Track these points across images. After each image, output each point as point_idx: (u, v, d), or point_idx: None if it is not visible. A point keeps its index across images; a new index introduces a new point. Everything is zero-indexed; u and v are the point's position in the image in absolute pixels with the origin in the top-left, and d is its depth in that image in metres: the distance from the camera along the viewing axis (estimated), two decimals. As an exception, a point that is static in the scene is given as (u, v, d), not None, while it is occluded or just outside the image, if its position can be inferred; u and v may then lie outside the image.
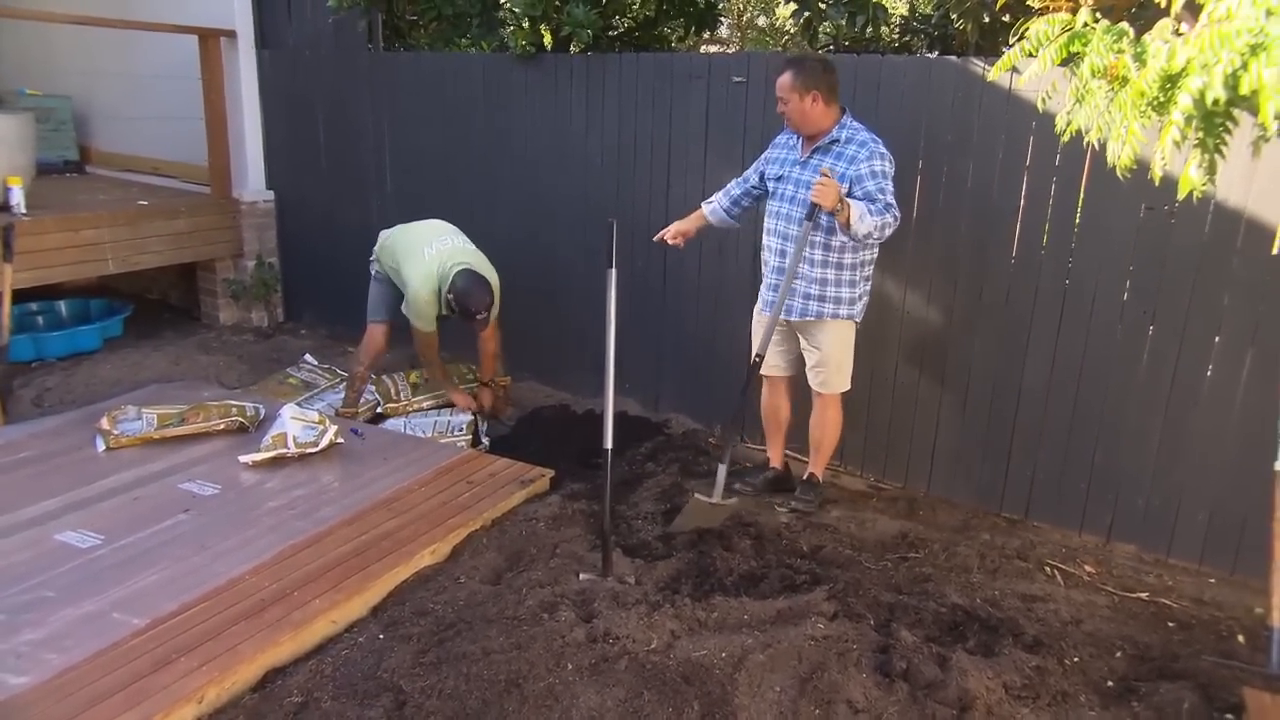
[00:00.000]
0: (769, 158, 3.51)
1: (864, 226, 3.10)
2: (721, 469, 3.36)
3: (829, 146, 3.29)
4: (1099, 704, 2.45)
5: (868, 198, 3.16)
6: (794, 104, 3.22)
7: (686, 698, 2.36)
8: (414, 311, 4.15)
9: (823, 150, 3.30)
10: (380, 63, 5.28)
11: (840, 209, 3.08)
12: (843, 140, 3.27)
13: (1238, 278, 3.06)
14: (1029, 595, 3.02)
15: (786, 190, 3.38)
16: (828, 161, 3.26)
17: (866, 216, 3.10)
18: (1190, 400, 3.21)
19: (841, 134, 3.27)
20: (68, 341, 5.19)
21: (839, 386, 3.52)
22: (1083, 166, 3.23)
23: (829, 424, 3.58)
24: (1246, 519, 3.14)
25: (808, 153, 3.34)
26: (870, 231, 3.13)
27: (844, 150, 3.26)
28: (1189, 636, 2.85)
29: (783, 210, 3.39)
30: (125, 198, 5.63)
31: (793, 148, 3.42)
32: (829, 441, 3.62)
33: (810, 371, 3.52)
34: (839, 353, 3.46)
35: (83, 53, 6.65)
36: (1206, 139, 1.94)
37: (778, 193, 3.43)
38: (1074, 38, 2.13)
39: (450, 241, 4.22)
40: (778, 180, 3.42)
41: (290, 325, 5.99)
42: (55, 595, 2.69)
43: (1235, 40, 1.61)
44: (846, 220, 3.10)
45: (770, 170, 3.47)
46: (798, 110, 3.23)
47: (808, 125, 3.28)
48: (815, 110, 3.23)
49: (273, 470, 3.58)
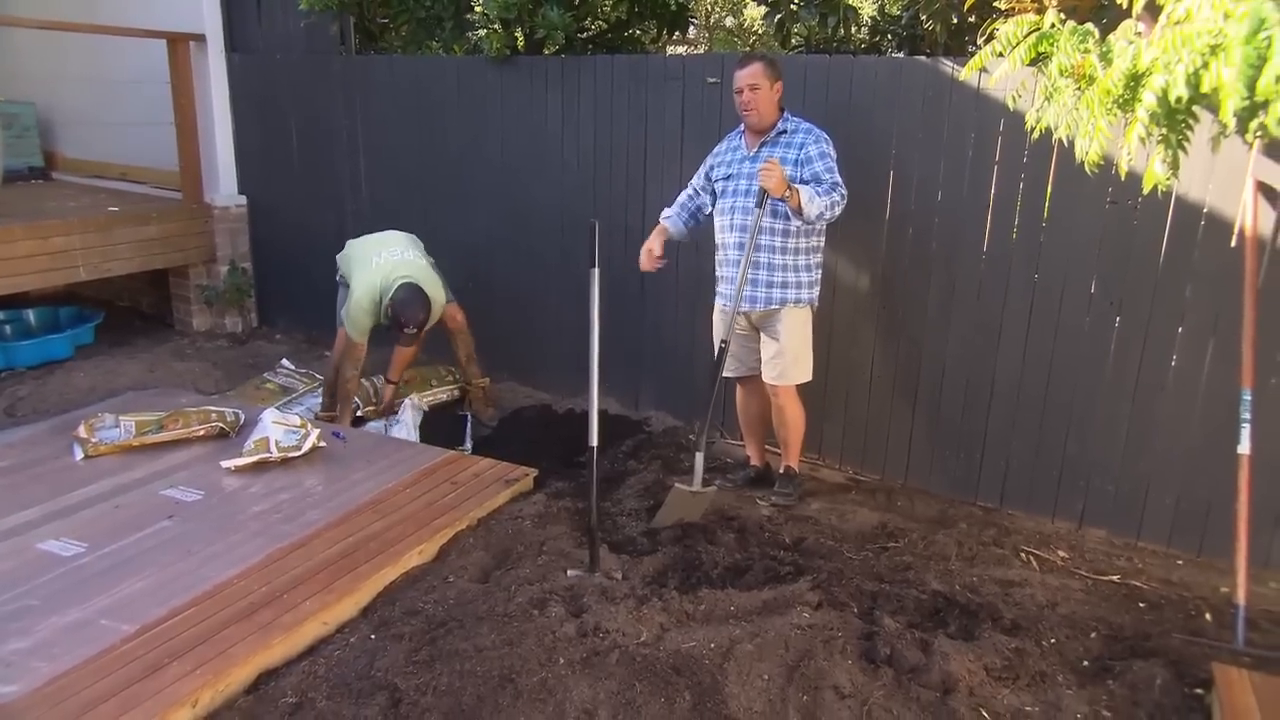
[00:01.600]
0: (714, 163, 3.59)
1: (814, 208, 3.22)
2: (699, 457, 3.41)
3: (777, 138, 3.40)
4: (1076, 683, 2.53)
5: (815, 179, 3.29)
6: (763, 91, 3.32)
7: (677, 688, 2.40)
8: (349, 317, 4.20)
9: (771, 143, 3.40)
10: (352, 66, 5.27)
11: (789, 194, 3.19)
12: (789, 130, 3.41)
13: (1199, 270, 3.17)
14: (1006, 581, 3.10)
15: (740, 185, 3.45)
16: (778, 151, 3.36)
17: (816, 198, 3.22)
18: (1156, 389, 3.32)
19: (788, 125, 3.42)
20: (39, 350, 5.13)
21: (796, 378, 3.56)
22: (1050, 163, 3.32)
23: (790, 418, 3.63)
24: (1211, 502, 3.25)
25: (755, 148, 3.43)
26: (821, 212, 3.24)
27: (792, 139, 3.39)
28: (1159, 616, 2.95)
29: (738, 204, 3.45)
30: (95, 204, 5.57)
31: (736, 148, 3.52)
32: (795, 434, 3.68)
33: (767, 364, 3.55)
34: (797, 342, 3.51)
35: (48, 57, 6.56)
36: (1170, 135, 2.02)
37: (729, 190, 3.49)
38: (1042, 38, 2.21)
39: (401, 254, 4.26)
40: (727, 179, 3.50)
41: (265, 330, 5.95)
42: (40, 604, 2.67)
43: (1196, 41, 1.69)
44: (797, 204, 3.20)
45: (718, 172, 3.55)
46: (765, 98, 3.33)
47: (765, 116, 3.38)
48: (775, 101, 3.37)
49: (256, 475, 3.57)
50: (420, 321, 4.11)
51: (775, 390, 3.58)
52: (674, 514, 3.40)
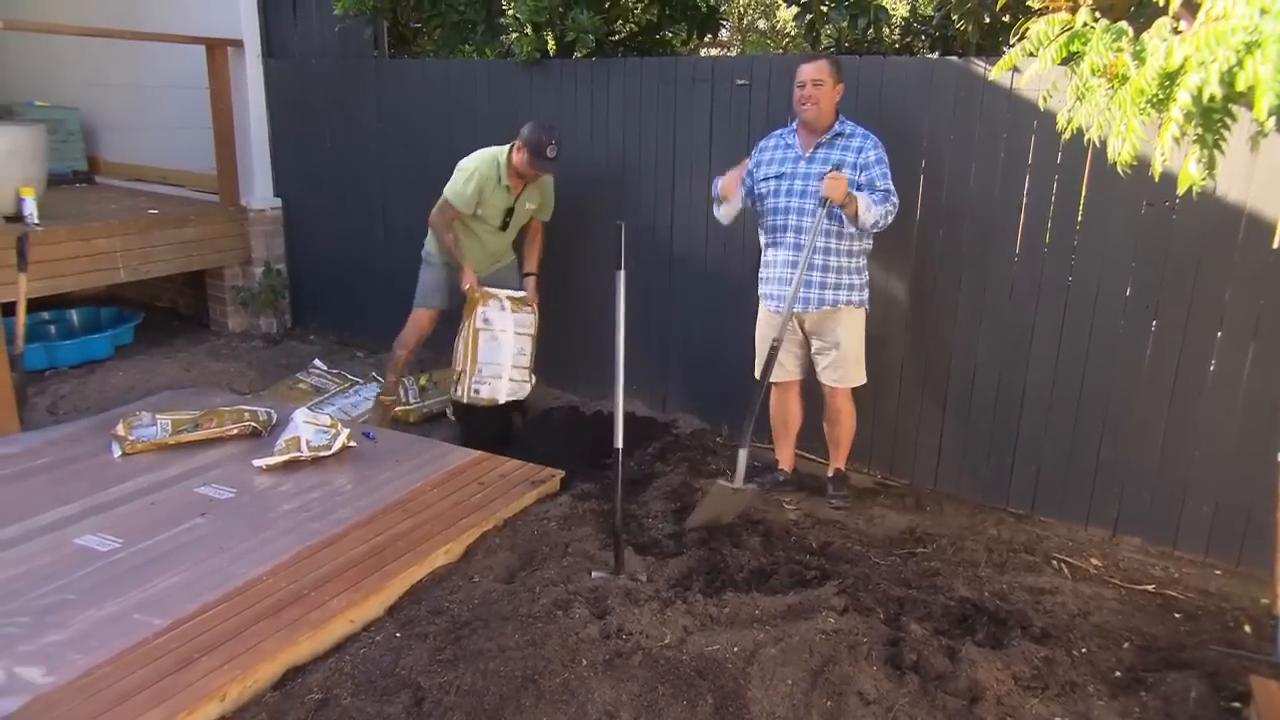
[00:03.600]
0: (760, 160, 3.55)
1: (870, 216, 3.24)
2: (743, 454, 3.40)
3: (833, 140, 3.38)
4: (1107, 694, 2.49)
5: (870, 185, 3.29)
6: (826, 89, 3.31)
7: (700, 691, 2.39)
8: (451, 189, 4.12)
9: (827, 145, 3.38)
10: (386, 70, 5.33)
11: (848, 202, 3.19)
12: (847, 133, 3.39)
13: (1239, 272, 3.09)
14: (1036, 588, 3.05)
15: (794, 186, 3.43)
16: (835, 154, 3.36)
17: (872, 206, 3.24)
18: (1193, 394, 3.24)
19: (844, 128, 3.40)
20: (80, 350, 5.25)
21: (855, 380, 3.58)
22: (1084, 164, 3.27)
23: (846, 420, 3.66)
24: (1251, 510, 3.17)
25: (811, 148, 3.41)
26: (876, 221, 3.28)
27: (849, 142, 3.38)
28: (1195, 627, 2.88)
29: (792, 205, 3.43)
30: (135, 207, 5.69)
31: (789, 146, 3.48)
32: (848, 436, 3.70)
33: (826, 370, 3.55)
34: (855, 344, 3.53)
35: (90, 64, 6.72)
36: (1205, 135, 1.97)
37: (780, 190, 3.46)
38: (1074, 37, 2.17)
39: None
40: (778, 179, 3.47)
41: (298, 331, 6.04)
42: (77, 598, 2.73)
43: (1231, 38, 1.65)
44: (855, 212, 3.22)
45: (765, 170, 3.51)
46: (827, 96, 3.32)
47: (824, 116, 3.36)
48: (834, 101, 3.36)
49: (287, 473, 3.62)
50: (559, 140, 3.97)
51: (835, 393, 3.59)
52: (712, 511, 3.39)
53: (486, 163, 4.11)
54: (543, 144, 3.95)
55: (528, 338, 4.27)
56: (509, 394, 4.24)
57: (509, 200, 4.17)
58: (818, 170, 3.34)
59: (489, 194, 4.13)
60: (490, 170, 4.10)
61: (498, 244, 4.36)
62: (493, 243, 4.33)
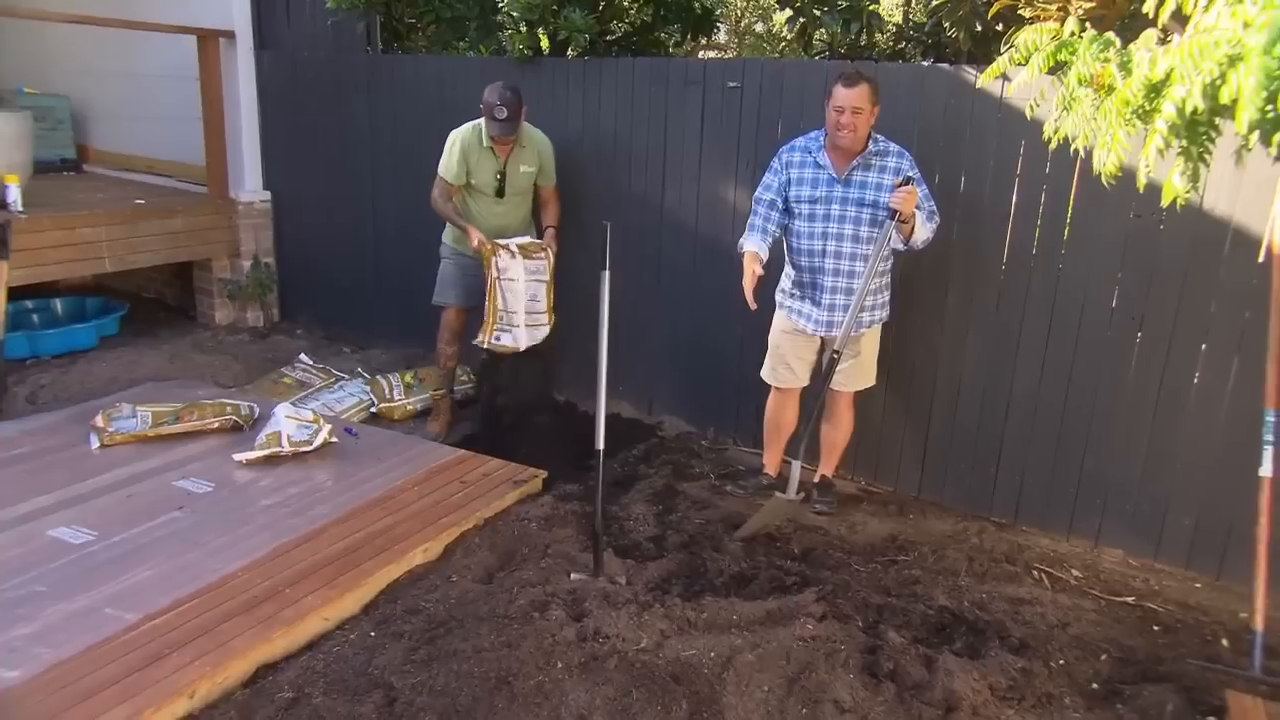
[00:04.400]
0: (791, 178, 3.38)
1: (923, 233, 3.24)
2: (796, 465, 3.42)
3: (870, 161, 3.28)
4: (1084, 706, 2.48)
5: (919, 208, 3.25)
6: (864, 115, 3.17)
7: (675, 696, 2.38)
8: (442, 159, 4.13)
9: (863, 166, 3.28)
10: (378, 65, 5.30)
11: (910, 219, 3.17)
12: (882, 152, 3.29)
13: (1225, 285, 3.09)
14: (1016, 598, 3.04)
15: (832, 210, 3.32)
16: (872, 175, 3.27)
17: (925, 224, 3.23)
18: (1177, 406, 3.24)
19: (879, 146, 3.29)
20: (63, 339, 5.20)
21: (863, 384, 3.60)
22: (1072, 174, 3.26)
23: (847, 425, 3.68)
24: (1232, 524, 3.17)
25: (845, 170, 3.29)
26: (927, 238, 3.27)
27: (886, 162, 3.28)
28: (1174, 640, 2.88)
29: (830, 230, 3.33)
30: (122, 196, 5.64)
31: (820, 166, 3.34)
32: (843, 441, 3.72)
33: (840, 374, 3.50)
34: (874, 354, 3.58)
35: (81, 52, 6.67)
36: (1190, 147, 1.97)
37: (817, 214, 3.34)
38: (1062, 46, 2.16)
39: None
40: (812, 203, 3.34)
41: (286, 325, 6.00)
42: (47, 590, 2.70)
43: (1215, 51, 1.64)
44: (912, 229, 3.19)
45: (798, 192, 3.37)
46: (865, 122, 3.19)
47: (860, 140, 3.25)
48: (870, 125, 3.25)
49: (267, 468, 3.60)
50: (509, 101, 3.89)
51: (840, 396, 3.60)
52: (763, 521, 3.40)
53: (467, 128, 4.12)
54: (490, 105, 3.93)
55: (541, 283, 4.24)
56: (528, 340, 4.24)
57: (497, 163, 4.12)
58: (855, 195, 3.27)
59: (475, 159, 4.10)
60: (470, 134, 4.10)
61: (501, 216, 4.26)
62: (494, 215, 4.24)
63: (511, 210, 4.28)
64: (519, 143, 4.13)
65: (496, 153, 4.11)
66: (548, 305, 4.29)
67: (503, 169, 4.14)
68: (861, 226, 3.30)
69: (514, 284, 4.18)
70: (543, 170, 4.27)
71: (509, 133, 3.99)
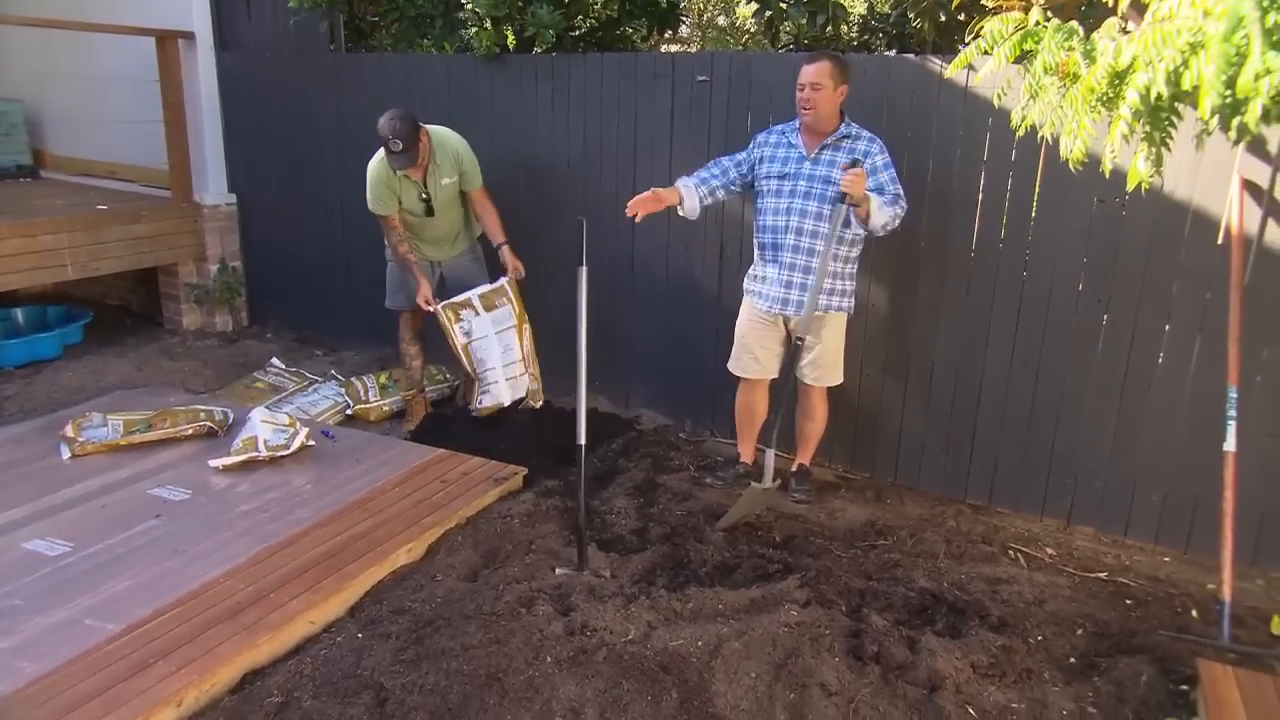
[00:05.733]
0: (763, 156, 3.47)
1: (881, 217, 3.23)
2: (770, 453, 3.45)
3: (839, 142, 3.34)
4: (1062, 680, 2.54)
5: (878, 189, 3.28)
6: (825, 91, 3.23)
7: (665, 686, 2.40)
8: (369, 196, 4.10)
9: (833, 146, 3.34)
10: (342, 64, 5.25)
11: (863, 201, 3.18)
12: (852, 136, 3.35)
13: (1186, 267, 3.17)
14: (994, 578, 3.11)
15: (798, 187, 3.37)
16: (841, 156, 3.32)
17: (884, 207, 3.24)
18: (1143, 386, 3.32)
19: (850, 130, 3.35)
20: (26, 349, 5.10)
21: (833, 380, 3.61)
22: (1038, 161, 3.32)
23: (820, 417, 3.69)
24: (1198, 499, 3.26)
25: (815, 150, 3.36)
26: (886, 222, 3.26)
27: (855, 145, 3.34)
28: (1146, 613, 2.96)
29: (795, 206, 3.38)
30: (83, 202, 5.54)
31: (792, 146, 3.41)
32: (818, 433, 3.73)
33: (806, 367, 3.56)
34: (837, 346, 3.57)
35: (36, 55, 6.53)
36: (1153, 133, 2.02)
37: (784, 190, 3.40)
38: (1027, 36, 2.21)
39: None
40: (780, 179, 3.41)
41: (255, 329, 5.93)
42: (25, 604, 2.66)
43: (1177, 39, 1.69)
44: (867, 212, 3.21)
45: (768, 169, 3.44)
46: (827, 99, 3.24)
47: (824, 119, 3.30)
48: (836, 103, 3.30)
49: (244, 474, 3.56)
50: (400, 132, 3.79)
51: (812, 390, 3.62)
52: (743, 511, 3.43)
53: (375, 164, 4.07)
54: (384, 139, 3.86)
55: (510, 331, 4.23)
56: (510, 394, 4.25)
57: (417, 188, 4.10)
58: (823, 173, 3.32)
59: (396, 187, 4.07)
60: (379, 168, 4.05)
61: (436, 229, 4.24)
62: (430, 230, 4.23)
63: (445, 223, 4.27)
64: (431, 160, 4.07)
65: (412, 177, 4.07)
66: (521, 356, 4.27)
67: (425, 190, 4.11)
68: (825, 205, 3.33)
69: (485, 340, 4.20)
70: (465, 176, 4.19)
71: (407, 165, 3.93)
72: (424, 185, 4.08)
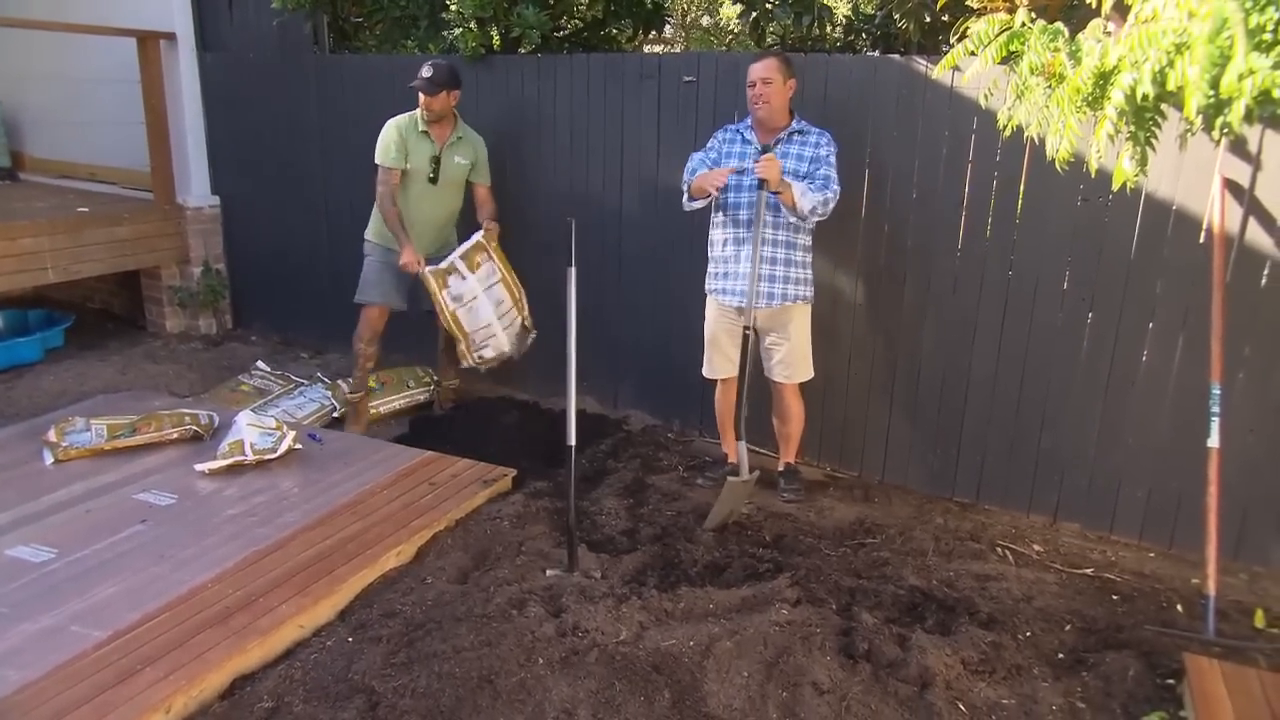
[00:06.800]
0: (722, 154, 3.53)
1: (807, 202, 3.28)
2: (742, 445, 3.47)
3: (791, 137, 3.42)
4: (1051, 675, 2.56)
5: (810, 176, 3.35)
6: (775, 86, 3.33)
7: (657, 686, 2.40)
8: (378, 146, 4.12)
9: (785, 141, 3.42)
10: (326, 65, 5.22)
11: (783, 187, 3.23)
12: (803, 131, 3.43)
13: (1169, 266, 3.21)
14: (982, 575, 3.13)
15: (756, 181, 3.38)
16: (793, 148, 3.40)
17: (808, 193, 3.28)
18: (1127, 384, 3.36)
19: (800, 125, 3.44)
20: (7, 353, 5.05)
21: (804, 375, 3.63)
22: (1022, 161, 3.35)
23: (795, 415, 3.70)
24: (1182, 495, 3.30)
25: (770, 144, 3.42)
26: (814, 206, 3.30)
27: (806, 139, 3.42)
28: (1132, 608, 2.99)
29: (744, 200, 3.44)
30: (64, 205, 5.49)
31: (746, 142, 3.49)
32: (798, 430, 3.75)
33: (776, 365, 3.59)
34: (804, 340, 3.59)
35: (14, 56, 6.46)
36: (1138, 132, 2.05)
37: (743, 184, 3.44)
38: (1013, 37, 2.23)
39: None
40: (738, 174, 3.46)
41: (240, 332, 5.89)
42: (9, 611, 2.63)
43: (1162, 39, 1.71)
44: (792, 201, 3.26)
45: (726, 165, 3.49)
46: (777, 93, 3.34)
47: (776, 114, 3.39)
48: (786, 98, 3.39)
49: (230, 478, 3.54)
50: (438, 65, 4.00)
51: (784, 389, 3.63)
52: (726, 507, 3.43)
53: (403, 116, 4.16)
54: (419, 70, 4.02)
55: (498, 285, 4.25)
56: (510, 341, 4.30)
57: (432, 148, 4.13)
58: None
59: (412, 143, 4.11)
60: (406, 120, 4.14)
61: (431, 208, 4.24)
62: (425, 207, 4.22)
63: (443, 201, 4.27)
64: (455, 131, 4.17)
65: (432, 137, 4.13)
66: (512, 302, 4.28)
67: (438, 154, 4.14)
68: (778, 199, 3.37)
69: (475, 301, 4.18)
70: (477, 167, 4.28)
71: (429, 90, 4.01)
72: (439, 149, 4.15)
